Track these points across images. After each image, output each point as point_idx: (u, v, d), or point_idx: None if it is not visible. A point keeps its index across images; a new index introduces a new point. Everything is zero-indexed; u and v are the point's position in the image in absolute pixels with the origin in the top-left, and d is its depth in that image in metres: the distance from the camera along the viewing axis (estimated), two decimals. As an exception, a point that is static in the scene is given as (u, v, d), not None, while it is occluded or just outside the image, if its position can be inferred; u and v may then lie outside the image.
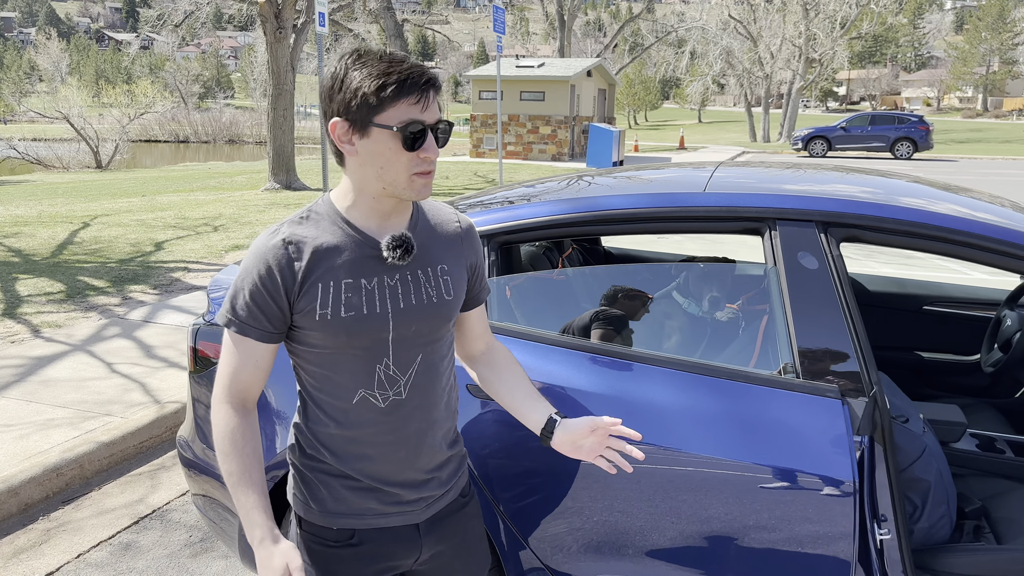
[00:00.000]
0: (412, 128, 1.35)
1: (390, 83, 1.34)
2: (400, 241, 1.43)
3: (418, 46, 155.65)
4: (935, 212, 2.11)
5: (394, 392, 1.48)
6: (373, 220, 1.47)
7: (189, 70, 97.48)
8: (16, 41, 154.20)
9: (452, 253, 1.56)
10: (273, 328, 1.45)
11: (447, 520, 1.61)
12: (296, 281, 1.42)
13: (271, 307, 1.43)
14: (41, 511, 3.48)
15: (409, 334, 1.48)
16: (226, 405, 1.48)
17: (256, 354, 1.46)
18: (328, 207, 1.48)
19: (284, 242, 1.43)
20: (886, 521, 1.92)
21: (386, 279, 1.46)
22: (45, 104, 34.76)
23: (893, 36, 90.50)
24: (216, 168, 27.68)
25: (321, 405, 1.50)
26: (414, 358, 1.49)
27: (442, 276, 1.52)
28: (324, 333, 1.43)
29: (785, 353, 2.06)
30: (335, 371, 1.46)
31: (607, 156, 21.93)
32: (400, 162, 1.38)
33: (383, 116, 1.35)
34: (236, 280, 1.45)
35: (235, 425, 1.46)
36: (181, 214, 11.82)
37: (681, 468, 1.99)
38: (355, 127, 1.38)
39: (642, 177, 2.58)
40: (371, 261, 1.45)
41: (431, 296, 1.50)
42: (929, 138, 27.31)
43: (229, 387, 1.47)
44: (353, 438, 1.49)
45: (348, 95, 1.36)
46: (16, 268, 7.71)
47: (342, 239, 1.45)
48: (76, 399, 4.41)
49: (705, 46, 45.85)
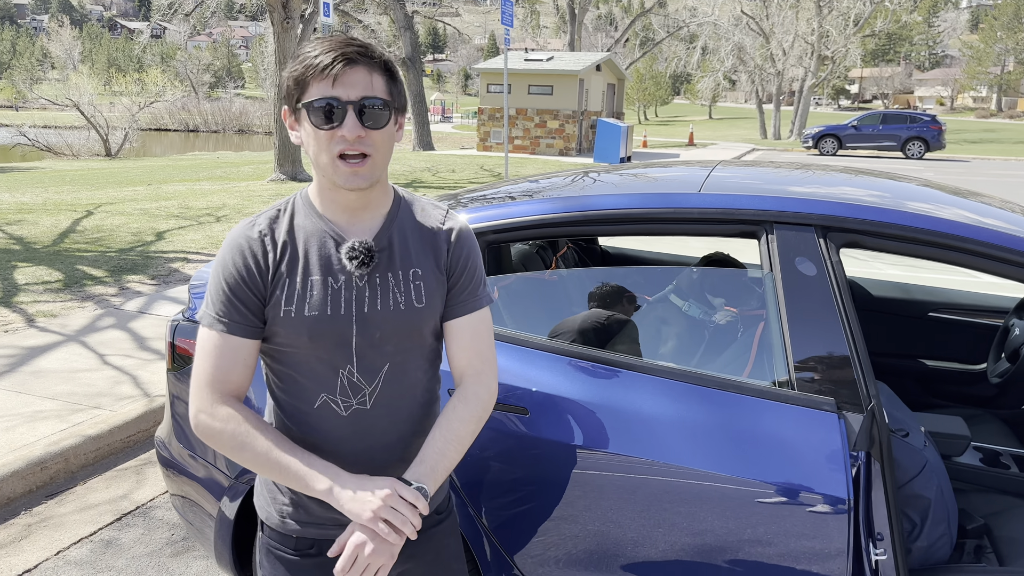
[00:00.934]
0: (320, 104, 1.29)
1: (305, 61, 1.30)
2: (358, 252, 1.36)
3: (428, 38, 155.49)
4: (941, 218, 2.02)
5: (358, 401, 1.40)
6: (340, 215, 1.40)
7: (200, 59, 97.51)
8: (29, 28, 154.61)
9: (430, 258, 1.45)
10: (257, 321, 1.38)
11: (418, 537, 1.52)
12: (269, 273, 1.36)
13: (251, 299, 1.37)
14: (24, 505, 3.42)
15: (374, 341, 1.39)
16: (217, 406, 1.36)
17: (243, 352, 1.38)
18: (305, 200, 1.42)
19: (260, 234, 1.38)
20: (882, 540, 1.83)
21: (354, 280, 1.38)
22: (56, 91, 34.83)
23: (907, 34, 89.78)
24: (224, 158, 27.66)
25: (284, 407, 1.43)
26: (380, 367, 1.40)
27: (414, 281, 1.42)
28: (287, 331, 1.36)
29: (780, 363, 1.98)
30: (298, 372, 1.39)
31: (615, 151, 21.79)
32: (319, 143, 1.31)
33: (304, 96, 1.32)
34: (212, 276, 1.38)
35: (236, 413, 1.35)
36: (185, 204, 11.77)
37: (670, 481, 1.91)
38: (294, 113, 1.35)
39: (644, 175, 2.49)
40: (340, 260, 1.38)
41: (399, 302, 1.40)
42: (941, 138, 27.06)
43: (219, 391, 1.36)
44: (314, 444, 1.41)
45: (283, 81, 1.34)
46: (16, 256, 7.67)
47: (314, 234, 1.38)
48: (66, 391, 4.35)
49: (717, 42, 45.56)
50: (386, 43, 26.99)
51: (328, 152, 1.31)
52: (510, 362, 2.08)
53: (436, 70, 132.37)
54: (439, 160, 21.38)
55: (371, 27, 26.65)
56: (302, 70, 1.30)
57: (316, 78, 1.29)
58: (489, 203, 2.33)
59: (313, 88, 1.30)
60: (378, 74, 1.32)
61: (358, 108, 1.30)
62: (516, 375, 2.05)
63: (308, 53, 1.31)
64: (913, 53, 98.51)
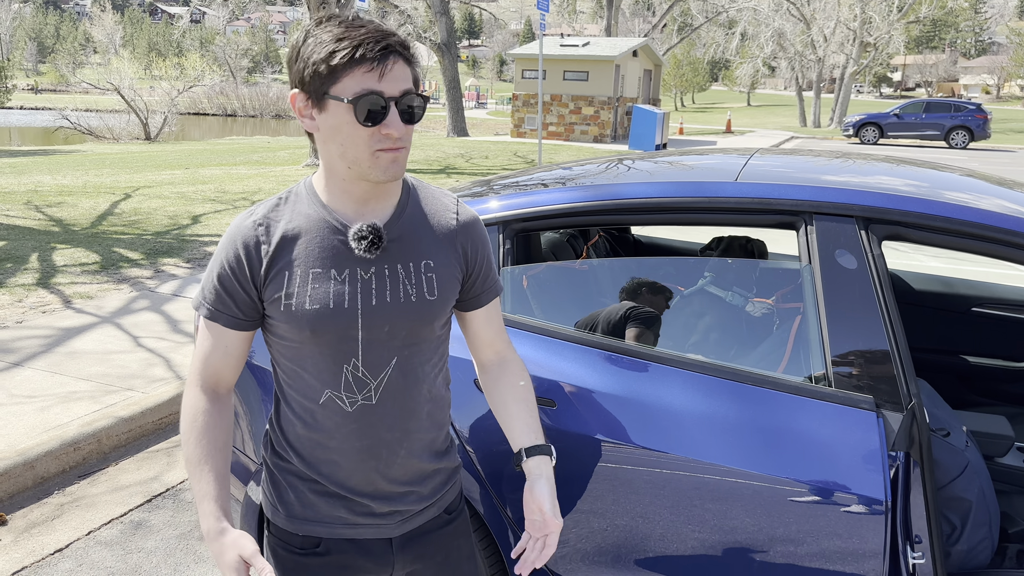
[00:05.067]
0: (367, 100, 1.21)
1: (341, 49, 1.21)
2: (367, 232, 1.30)
3: (464, 24, 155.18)
4: (986, 210, 1.93)
5: (363, 396, 1.36)
6: (348, 205, 1.34)
7: (238, 44, 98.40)
8: (72, 13, 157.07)
9: (443, 248, 1.40)
10: (242, 314, 1.35)
11: (427, 537, 1.48)
12: (263, 266, 1.32)
13: (239, 292, 1.33)
14: (57, 485, 3.47)
15: (382, 335, 1.34)
16: (196, 388, 1.40)
17: (226, 340, 1.37)
18: (308, 189, 1.37)
19: (255, 224, 1.33)
20: (920, 543, 1.77)
21: (359, 272, 1.33)
22: (98, 75, 35.32)
23: (953, 21, 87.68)
24: (260, 142, 27.90)
25: (291, 403, 1.40)
26: (387, 361, 1.36)
27: (425, 273, 1.37)
28: (290, 325, 1.32)
29: (817, 359, 1.91)
30: (303, 367, 1.36)
31: (650, 138, 21.58)
32: (360, 138, 1.24)
33: (337, 87, 1.23)
34: (211, 262, 1.36)
35: (202, 409, 1.38)
36: (221, 188, 11.88)
37: (701, 477, 1.86)
38: (312, 100, 1.26)
39: (679, 163, 2.42)
40: (345, 250, 1.33)
41: (409, 294, 1.35)
42: (987, 127, 26.40)
43: (201, 371, 1.40)
44: (319, 441, 1.38)
45: (302, 64, 1.25)
46: (55, 237, 7.79)
47: (316, 224, 1.33)
48: (99, 372, 4.41)
49: (756, 27, 44.84)
50: (422, 28, 26.92)
51: (368, 148, 1.25)
52: (538, 353, 2.04)
53: (471, 56, 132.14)
54: (473, 146, 21.34)
55: (407, 12, 26.62)
56: (340, 58, 1.21)
57: (357, 68, 1.21)
58: (520, 190, 2.28)
59: (351, 79, 1.22)
60: (409, 66, 1.27)
61: (402, 105, 1.24)
62: (544, 367, 2.01)
63: (337, 39, 1.22)
64: (959, 40, 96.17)
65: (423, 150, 19.61)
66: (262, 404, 2.18)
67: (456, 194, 2.36)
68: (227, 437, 1.39)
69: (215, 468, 1.36)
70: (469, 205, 2.26)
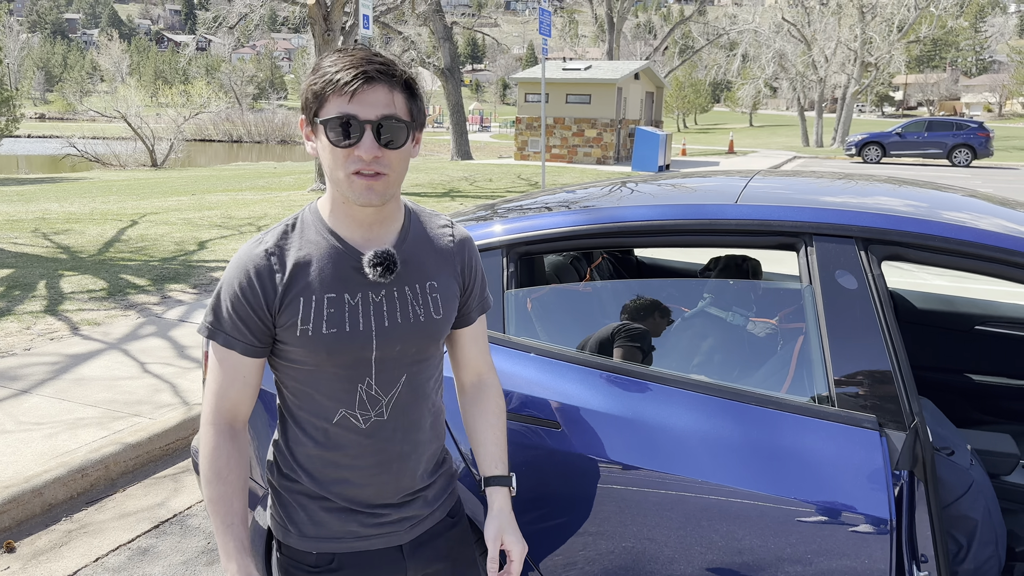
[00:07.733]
0: (336, 121, 1.27)
1: (325, 76, 1.29)
2: (382, 259, 1.35)
3: (467, 49, 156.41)
4: (987, 230, 1.95)
5: (376, 413, 1.41)
6: (355, 230, 1.39)
7: (244, 71, 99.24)
8: (80, 42, 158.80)
9: (444, 269, 1.47)
10: (258, 342, 1.38)
11: (434, 542, 1.53)
12: (277, 294, 1.35)
13: (253, 320, 1.36)
14: (64, 512, 3.48)
15: (394, 354, 1.40)
16: (213, 428, 1.41)
17: (243, 370, 1.39)
18: (314, 215, 1.41)
19: (267, 253, 1.36)
20: (926, 563, 1.77)
21: (371, 295, 1.38)
22: (105, 103, 35.67)
23: (953, 40, 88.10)
24: (266, 168, 28.08)
25: (301, 424, 1.43)
26: (398, 378, 1.42)
27: (431, 293, 1.44)
28: (305, 349, 1.36)
29: (820, 379, 1.92)
30: (316, 389, 1.39)
31: (653, 160, 21.66)
32: (336, 160, 1.30)
33: (322, 111, 1.30)
34: (218, 290, 1.38)
35: (221, 450, 1.40)
36: (227, 213, 11.95)
37: (706, 498, 1.86)
38: (311, 126, 1.34)
39: (680, 185, 2.45)
40: (356, 275, 1.37)
41: (418, 315, 1.41)
42: (989, 145, 26.43)
43: (216, 407, 1.41)
44: (332, 460, 1.42)
45: (302, 92, 1.34)
46: (63, 265, 7.84)
47: (326, 250, 1.37)
48: (107, 398, 4.42)
49: (757, 49, 45.13)
50: (426, 54, 27.17)
51: (344, 169, 1.30)
52: (542, 375, 2.05)
53: (475, 80, 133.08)
54: (477, 169, 21.45)
55: (411, 38, 26.85)
56: (322, 84, 1.28)
57: (335, 94, 1.27)
58: (522, 214, 2.31)
59: (331, 104, 1.28)
60: (399, 92, 1.31)
61: (376, 127, 1.28)
62: (548, 388, 2.03)
63: (328, 68, 1.29)
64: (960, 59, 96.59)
65: (427, 173, 19.73)
66: (268, 429, 2.20)
67: (460, 218, 2.39)
68: (247, 474, 1.42)
69: (235, 511, 1.39)
70: (474, 229, 2.29)
